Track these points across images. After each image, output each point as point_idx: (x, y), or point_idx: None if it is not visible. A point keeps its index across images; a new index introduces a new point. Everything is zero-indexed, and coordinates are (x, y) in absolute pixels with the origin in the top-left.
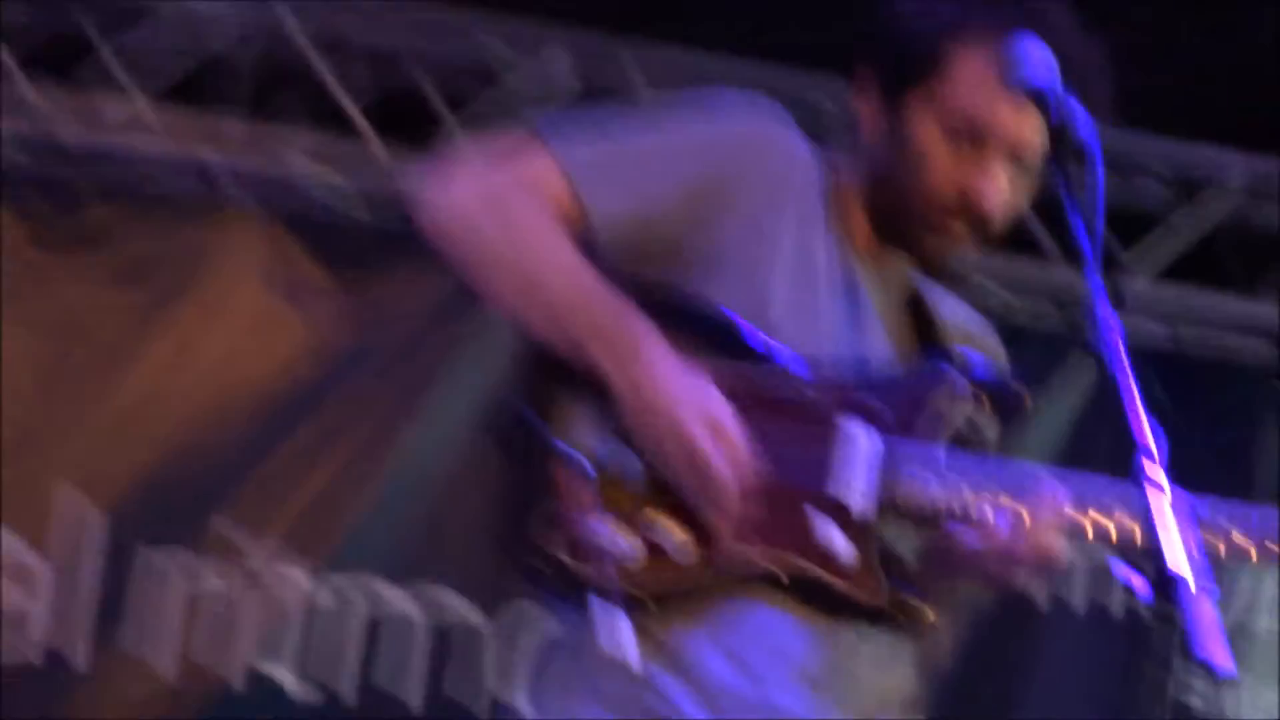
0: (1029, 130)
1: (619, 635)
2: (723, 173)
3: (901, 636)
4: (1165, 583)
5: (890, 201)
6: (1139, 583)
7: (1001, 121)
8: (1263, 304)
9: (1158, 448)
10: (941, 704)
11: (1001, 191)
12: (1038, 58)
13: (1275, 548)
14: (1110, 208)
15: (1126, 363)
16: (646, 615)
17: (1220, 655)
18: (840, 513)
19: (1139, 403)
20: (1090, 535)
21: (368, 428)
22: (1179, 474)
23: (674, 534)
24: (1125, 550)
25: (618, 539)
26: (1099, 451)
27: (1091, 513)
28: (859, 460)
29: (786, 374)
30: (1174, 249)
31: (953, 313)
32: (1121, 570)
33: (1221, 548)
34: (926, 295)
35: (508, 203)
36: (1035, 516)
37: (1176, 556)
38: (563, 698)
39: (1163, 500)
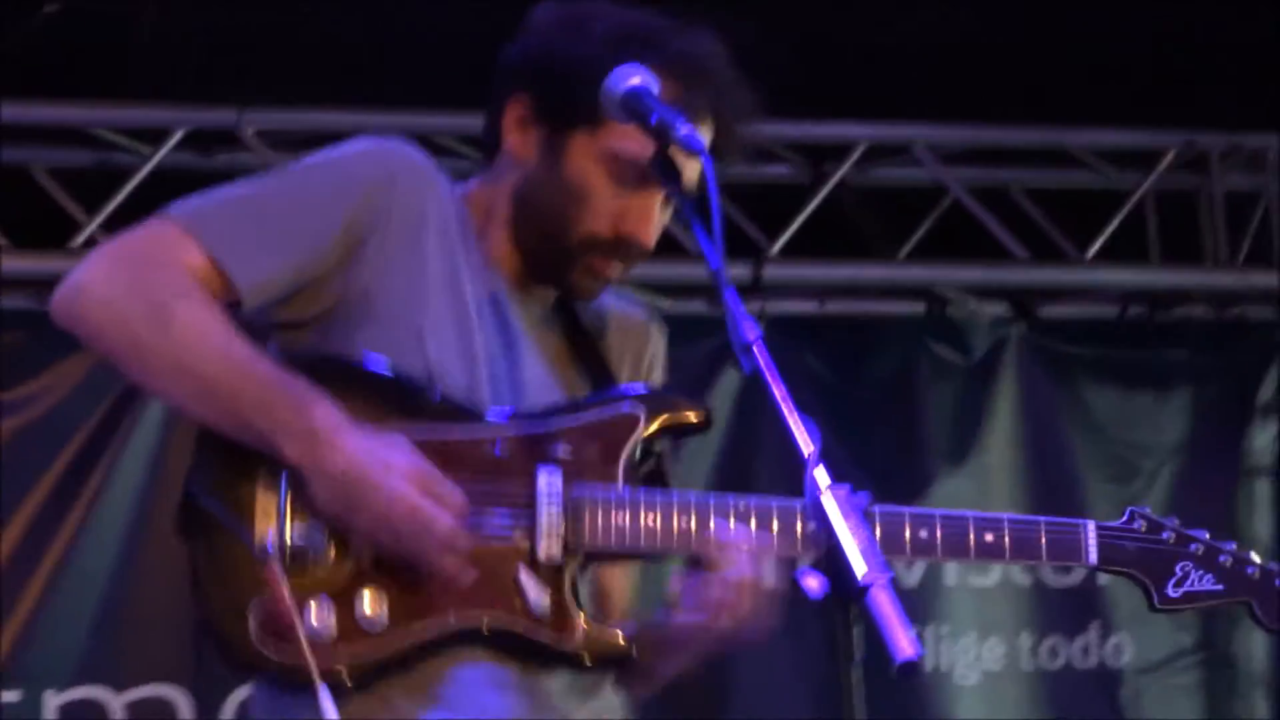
0: (691, 172)
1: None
2: (357, 216)
3: (604, 670)
4: (843, 581)
5: (543, 237)
6: (814, 584)
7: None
8: (904, 266)
9: (814, 444)
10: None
11: (658, 227)
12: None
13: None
14: (748, 193)
15: (774, 372)
16: (360, 695)
17: (904, 642)
18: (534, 563)
19: (791, 407)
20: (779, 550)
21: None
22: (850, 437)
23: (369, 606)
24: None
25: (313, 622)
26: (763, 431)
27: (777, 530)
28: (545, 509)
29: (470, 427)
30: (804, 222)
31: (606, 320)
32: (799, 576)
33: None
34: (579, 314)
35: (159, 296)
36: (712, 543)
37: (851, 553)
38: None
39: (831, 501)
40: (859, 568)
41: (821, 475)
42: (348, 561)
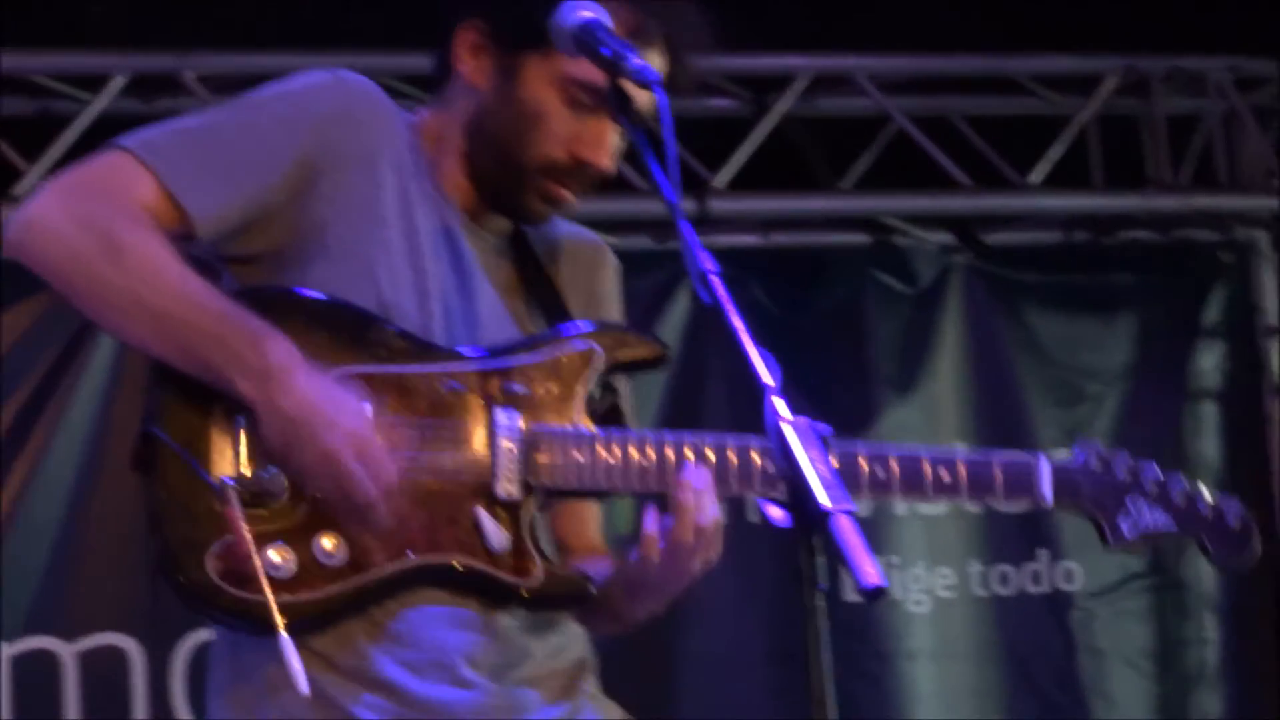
0: (644, 105)
1: (288, 660)
2: (311, 149)
3: (561, 609)
4: (806, 510)
5: (497, 161)
6: (779, 514)
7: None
8: (848, 197)
9: (773, 376)
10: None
11: (613, 151)
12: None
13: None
14: (691, 126)
15: (731, 304)
16: (319, 635)
17: (869, 569)
18: (492, 501)
19: (749, 339)
20: (735, 489)
21: None
22: (798, 368)
23: (327, 546)
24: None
25: (273, 560)
26: (711, 363)
27: (733, 470)
28: (503, 447)
29: (425, 363)
30: (748, 155)
31: (559, 250)
32: (764, 505)
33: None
34: (533, 245)
35: (112, 229)
36: (685, 487)
37: (813, 483)
38: None
39: (792, 431)
40: (821, 497)
41: (781, 405)
42: (305, 501)
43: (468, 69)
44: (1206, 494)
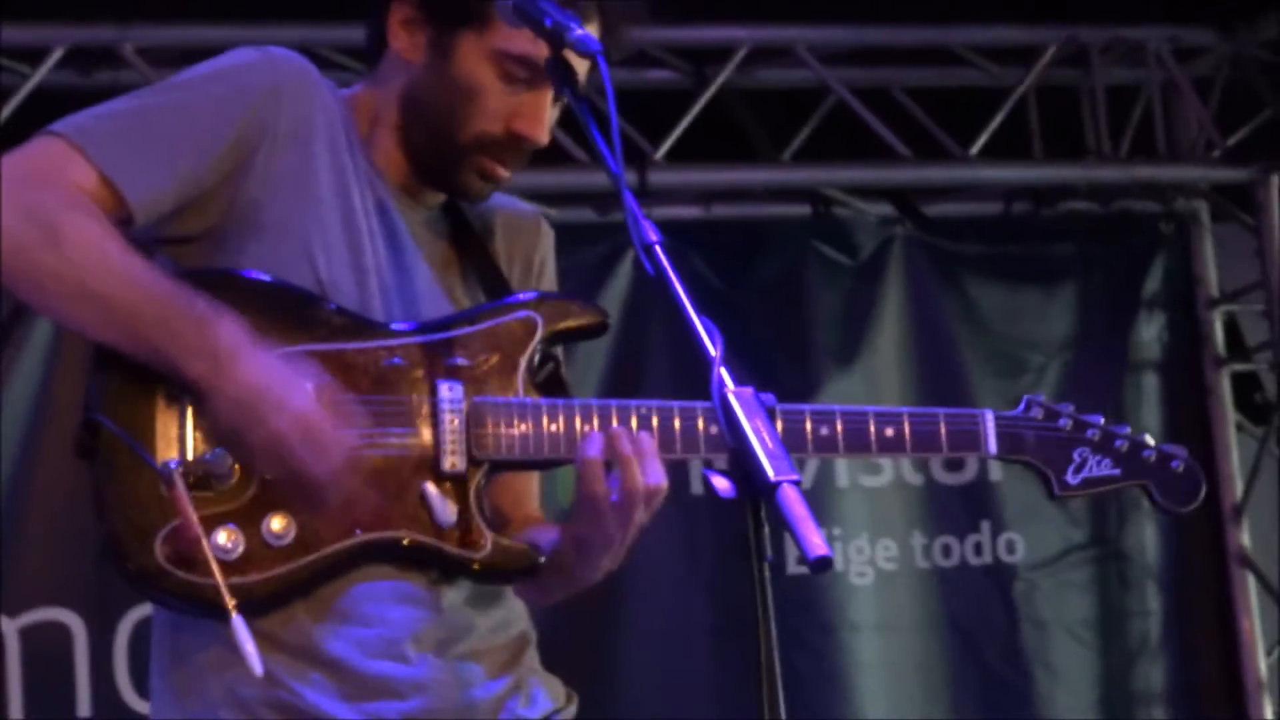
0: (585, 68)
1: (240, 641)
2: (244, 128)
3: (510, 581)
4: (752, 481)
5: (432, 138)
6: (724, 484)
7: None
8: (788, 168)
9: (716, 346)
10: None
11: (549, 125)
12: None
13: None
14: (631, 98)
15: (675, 276)
16: (267, 616)
17: (814, 541)
18: (439, 475)
19: (693, 310)
20: (680, 453)
21: None
22: (739, 340)
23: (275, 527)
24: (713, 455)
25: (221, 543)
26: (653, 335)
27: (678, 434)
28: (447, 420)
29: (367, 340)
30: (688, 126)
31: (494, 221)
32: (709, 475)
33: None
34: (467, 217)
35: (51, 217)
36: (626, 452)
37: (759, 454)
38: (195, 704)
39: (736, 402)
40: (768, 468)
41: (726, 376)
42: (253, 482)
43: (401, 45)
44: (1150, 441)
